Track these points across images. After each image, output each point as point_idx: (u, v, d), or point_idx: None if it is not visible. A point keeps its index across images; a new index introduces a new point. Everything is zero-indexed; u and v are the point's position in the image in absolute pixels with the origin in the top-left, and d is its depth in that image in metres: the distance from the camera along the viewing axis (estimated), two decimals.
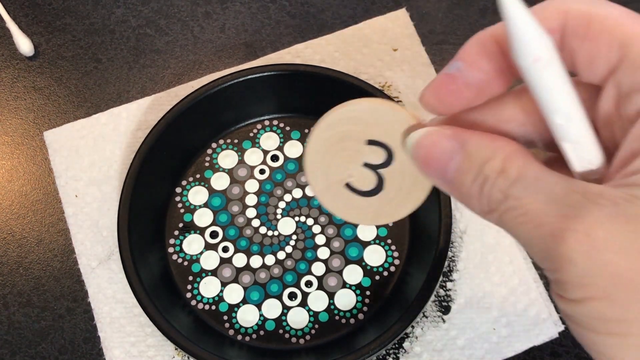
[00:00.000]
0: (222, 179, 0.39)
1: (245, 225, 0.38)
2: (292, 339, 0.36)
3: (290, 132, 0.40)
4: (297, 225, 0.38)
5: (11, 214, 0.39)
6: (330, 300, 0.36)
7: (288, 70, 0.38)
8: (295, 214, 0.38)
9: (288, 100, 0.40)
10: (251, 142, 0.40)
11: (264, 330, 0.36)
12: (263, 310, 0.36)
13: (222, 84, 0.37)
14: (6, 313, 0.37)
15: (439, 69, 0.42)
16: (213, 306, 0.36)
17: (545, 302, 0.36)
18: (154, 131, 0.37)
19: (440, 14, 0.43)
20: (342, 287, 0.37)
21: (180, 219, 0.38)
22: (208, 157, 0.39)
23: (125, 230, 0.35)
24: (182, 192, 0.39)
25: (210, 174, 0.39)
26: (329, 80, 0.38)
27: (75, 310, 0.37)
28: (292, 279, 0.37)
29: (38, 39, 0.43)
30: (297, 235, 0.38)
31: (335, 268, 0.37)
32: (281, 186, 0.39)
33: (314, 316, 0.36)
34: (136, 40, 0.43)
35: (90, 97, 0.42)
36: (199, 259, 0.37)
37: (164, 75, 0.42)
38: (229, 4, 0.44)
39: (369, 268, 0.37)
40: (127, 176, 0.36)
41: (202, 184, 0.39)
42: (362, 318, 0.36)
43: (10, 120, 0.41)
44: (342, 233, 0.37)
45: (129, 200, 0.35)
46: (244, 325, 0.36)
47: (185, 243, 0.38)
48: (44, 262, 0.38)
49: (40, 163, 0.40)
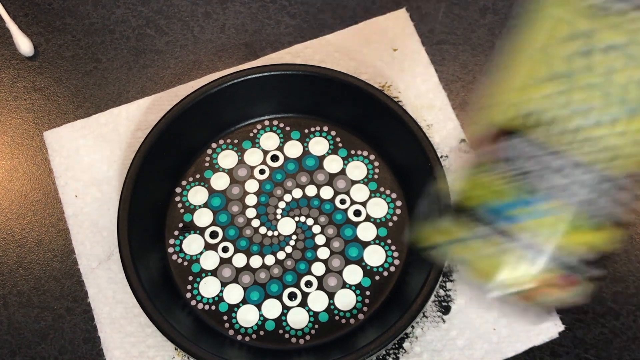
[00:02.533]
0: (222, 179, 0.39)
1: (245, 225, 0.38)
2: (292, 339, 0.36)
3: (290, 132, 0.40)
4: (297, 225, 0.38)
5: (11, 214, 0.39)
6: (330, 300, 0.36)
7: (288, 71, 0.38)
8: (295, 214, 0.38)
9: (288, 100, 0.40)
10: (251, 142, 0.40)
11: (264, 330, 0.36)
12: (263, 311, 0.36)
13: (222, 84, 0.37)
14: (6, 313, 0.37)
15: (439, 69, 0.42)
16: (213, 306, 0.36)
17: None
18: (154, 131, 0.37)
19: (440, 14, 0.43)
20: (342, 287, 0.37)
21: (180, 219, 0.38)
22: (208, 157, 0.39)
23: (125, 231, 0.35)
24: (182, 192, 0.39)
25: (210, 174, 0.39)
26: (328, 80, 0.38)
27: (75, 311, 0.37)
28: (292, 279, 0.37)
29: (38, 39, 0.43)
30: (297, 235, 0.38)
31: (335, 268, 0.37)
32: (281, 186, 0.39)
33: (314, 316, 0.36)
34: (136, 40, 0.43)
35: (90, 97, 0.42)
36: (199, 259, 0.37)
37: (164, 75, 0.42)
38: (229, 4, 0.44)
39: (369, 268, 0.37)
40: (127, 176, 0.36)
41: (202, 184, 0.39)
42: (362, 318, 0.36)
43: (10, 120, 0.41)
44: (342, 233, 0.38)
45: (129, 200, 0.35)
46: (244, 325, 0.36)
47: (185, 243, 0.38)
48: (44, 262, 0.38)
49: (40, 163, 0.40)
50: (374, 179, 0.39)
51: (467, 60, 0.42)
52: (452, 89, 0.41)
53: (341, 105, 0.39)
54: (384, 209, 0.38)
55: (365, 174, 0.39)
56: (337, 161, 0.39)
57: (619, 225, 0.23)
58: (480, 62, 0.42)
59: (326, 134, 0.39)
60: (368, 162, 0.39)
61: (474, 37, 0.43)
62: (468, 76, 0.42)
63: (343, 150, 0.39)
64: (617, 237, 0.23)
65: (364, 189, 0.38)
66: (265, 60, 0.42)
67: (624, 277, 0.37)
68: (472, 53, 0.42)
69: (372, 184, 0.38)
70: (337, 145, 0.39)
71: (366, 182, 0.38)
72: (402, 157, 0.38)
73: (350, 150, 0.39)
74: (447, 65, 0.42)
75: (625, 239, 0.38)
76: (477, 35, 0.43)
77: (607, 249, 0.23)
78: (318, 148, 0.39)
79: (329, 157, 0.39)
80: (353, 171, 0.39)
